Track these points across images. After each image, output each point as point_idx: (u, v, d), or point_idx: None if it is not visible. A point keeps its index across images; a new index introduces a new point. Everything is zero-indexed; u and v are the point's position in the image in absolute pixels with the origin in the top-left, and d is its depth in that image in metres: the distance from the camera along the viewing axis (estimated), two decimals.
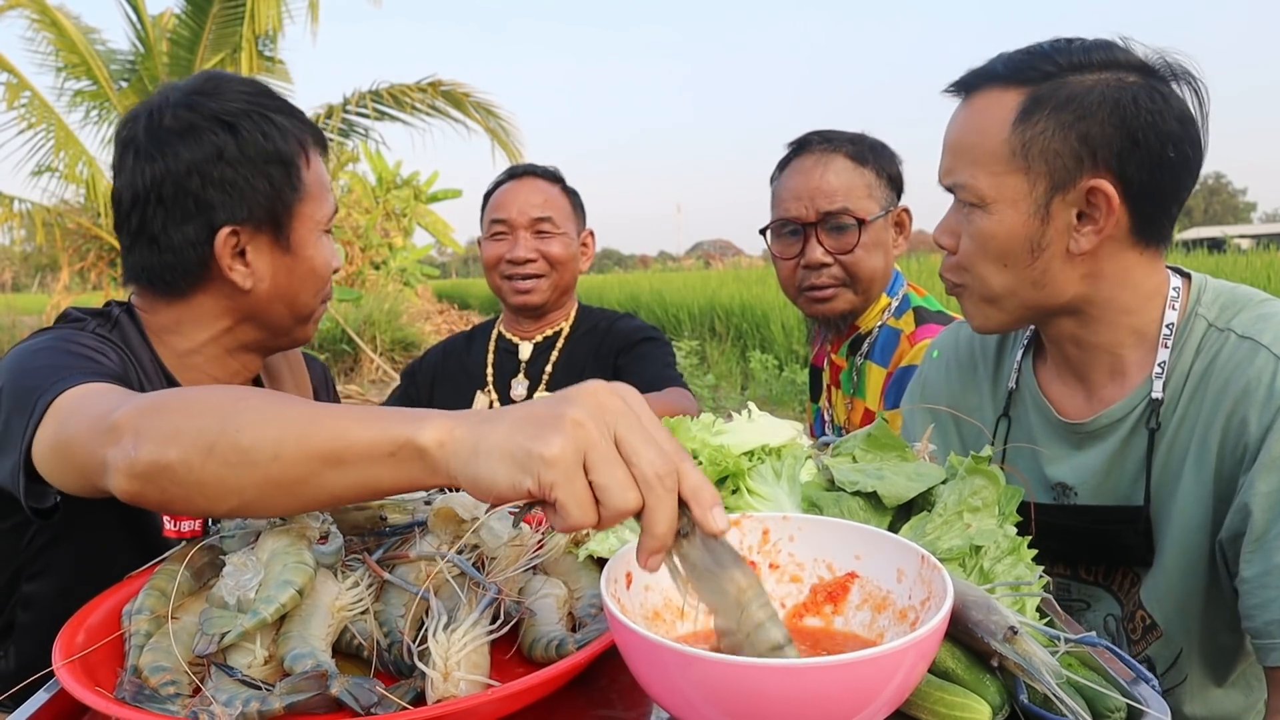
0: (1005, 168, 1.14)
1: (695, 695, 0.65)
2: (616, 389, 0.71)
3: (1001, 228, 1.15)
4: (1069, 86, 1.11)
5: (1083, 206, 1.13)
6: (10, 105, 10.85)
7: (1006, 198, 1.14)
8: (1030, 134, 1.12)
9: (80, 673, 0.82)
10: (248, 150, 1.30)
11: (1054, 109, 1.11)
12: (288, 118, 1.36)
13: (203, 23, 10.57)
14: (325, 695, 0.78)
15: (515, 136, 11.52)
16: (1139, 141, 1.09)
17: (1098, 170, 1.11)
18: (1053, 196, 1.13)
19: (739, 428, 1.18)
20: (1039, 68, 1.14)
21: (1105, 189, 1.11)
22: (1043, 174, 1.12)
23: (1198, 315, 1.18)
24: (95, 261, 12.90)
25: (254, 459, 0.80)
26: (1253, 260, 9.62)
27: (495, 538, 0.97)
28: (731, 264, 28.82)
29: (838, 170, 1.90)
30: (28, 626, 1.30)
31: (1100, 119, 1.10)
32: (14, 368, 1.16)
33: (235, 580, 0.88)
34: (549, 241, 2.21)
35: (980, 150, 1.15)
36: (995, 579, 0.91)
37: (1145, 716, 0.75)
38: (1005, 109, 1.14)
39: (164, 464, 0.83)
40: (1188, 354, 1.17)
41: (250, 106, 1.33)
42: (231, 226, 1.30)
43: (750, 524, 0.87)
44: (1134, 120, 1.09)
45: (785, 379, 8.84)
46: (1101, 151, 1.10)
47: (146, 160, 1.29)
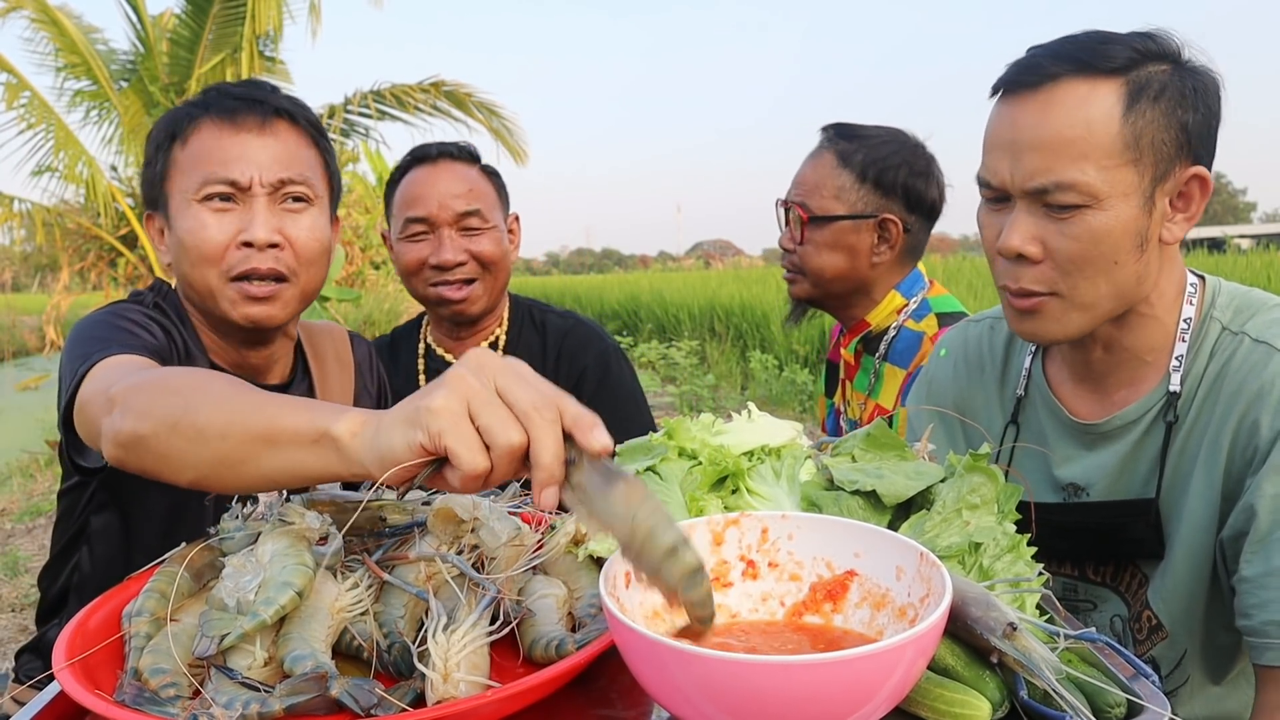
0: (1118, 160, 1.08)
1: (695, 693, 0.65)
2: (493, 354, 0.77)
3: (1117, 223, 1.10)
4: (1152, 77, 1.10)
5: (1174, 196, 1.13)
6: (10, 105, 10.85)
7: (1119, 192, 1.09)
8: (1141, 124, 1.08)
9: (81, 675, 0.82)
10: (150, 141, 1.45)
11: (1152, 98, 1.09)
12: (184, 106, 1.44)
13: (203, 23, 10.56)
14: (325, 697, 0.78)
15: (518, 136, 11.52)
16: (1213, 129, 1.13)
17: (1192, 159, 1.12)
18: (1156, 187, 1.11)
19: (739, 428, 1.18)
20: (1117, 56, 1.10)
21: (1205, 176, 1.12)
22: (1149, 165, 1.10)
23: (1213, 318, 1.19)
24: (95, 261, 12.89)
25: (207, 437, 0.90)
26: (1253, 260, 9.62)
27: (495, 538, 0.97)
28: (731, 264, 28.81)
29: (817, 165, 1.93)
30: (82, 593, 1.41)
31: (1193, 106, 1.10)
32: (72, 336, 1.31)
33: (235, 582, 0.88)
34: (478, 239, 1.90)
35: (1089, 144, 1.08)
36: (994, 576, 0.91)
37: (1145, 712, 0.75)
38: (1106, 100, 1.08)
39: (139, 435, 0.94)
40: (1203, 356, 1.18)
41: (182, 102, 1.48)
42: (148, 213, 1.47)
43: (749, 523, 0.87)
44: (1213, 107, 1.12)
45: (785, 379, 8.84)
46: (1195, 140, 1.11)
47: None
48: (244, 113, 1.41)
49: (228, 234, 1.38)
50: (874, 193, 1.90)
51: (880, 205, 1.91)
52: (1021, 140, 1.11)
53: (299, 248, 1.42)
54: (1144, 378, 1.22)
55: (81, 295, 16.10)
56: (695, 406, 8.29)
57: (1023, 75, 1.13)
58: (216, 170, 1.38)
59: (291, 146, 1.44)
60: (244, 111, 1.41)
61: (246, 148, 1.39)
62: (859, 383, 2.02)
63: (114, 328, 1.32)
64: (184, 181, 1.39)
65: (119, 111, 11.33)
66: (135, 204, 12.30)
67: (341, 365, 1.69)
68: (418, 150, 1.98)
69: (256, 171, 1.39)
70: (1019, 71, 1.14)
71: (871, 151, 1.91)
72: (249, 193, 1.39)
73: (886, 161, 1.90)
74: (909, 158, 1.92)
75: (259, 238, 1.37)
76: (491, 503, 1.02)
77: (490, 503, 1.01)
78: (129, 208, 11.95)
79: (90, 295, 16.52)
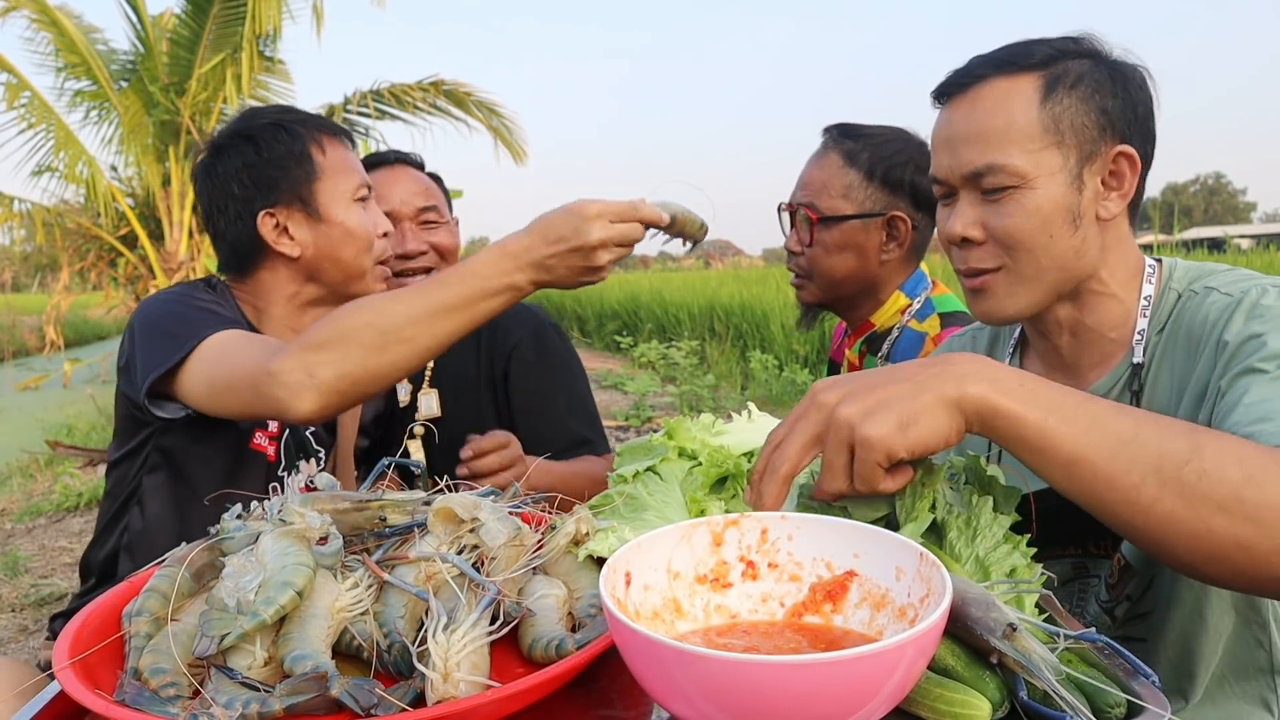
0: (1040, 144, 1.19)
1: (695, 693, 0.65)
2: None
3: (1047, 200, 1.20)
4: (1071, 68, 1.20)
5: (1105, 175, 1.21)
6: (10, 105, 10.85)
7: (1045, 171, 1.20)
8: (1058, 110, 1.19)
9: (81, 675, 0.82)
10: (264, 153, 1.68)
11: (1070, 86, 1.19)
12: (297, 122, 1.72)
13: (203, 23, 10.56)
14: (325, 696, 0.78)
15: (518, 135, 11.51)
16: (1138, 115, 1.21)
17: (1117, 138, 1.20)
18: (1083, 167, 1.20)
19: (738, 428, 1.18)
20: (1036, 53, 1.21)
21: (1130, 153, 1.20)
22: (1073, 146, 1.19)
23: (1170, 288, 1.25)
24: (95, 261, 12.90)
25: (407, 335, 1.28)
26: (1253, 260, 9.61)
27: (495, 538, 0.97)
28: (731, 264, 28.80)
29: (823, 165, 1.92)
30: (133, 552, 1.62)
31: (1111, 92, 1.20)
32: (146, 313, 1.56)
33: (235, 582, 0.88)
34: (436, 231, 2.08)
35: (1012, 131, 1.20)
36: (990, 568, 0.92)
37: (1145, 712, 0.75)
38: (1025, 91, 1.20)
39: (347, 374, 1.28)
40: (1159, 322, 1.25)
41: (262, 121, 1.71)
42: (266, 210, 1.67)
43: (749, 524, 0.87)
44: (1135, 94, 1.21)
45: (785, 379, 8.84)
46: (1117, 122, 1.20)
47: (202, 182, 1.72)
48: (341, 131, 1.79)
49: (374, 227, 1.74)
50: (881, 190, 1.90)
51: (888, 203, 1.91)
52: (956, 135, 1.24)
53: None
54: (1111, 355, 1.27)
55: (81, 295, 16.10)
56: (695, 406, 8.30)
57: (955, 79, 1.26)
58: (363, 176, 1.74)
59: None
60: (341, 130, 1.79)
61: (356, 158, 1.77)
62: None
63: (194, 308, 1.56)
64: (340, 183, 1.70)
65: (119, 111, 11.33)
66: (135, 204, 12.30)
67: None
68: (374, 156, 2.15)
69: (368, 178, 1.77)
70: (952, 77, 1.26)
71: (878, 149, 1.90)
72: (372, 193, 1.77)
73: (894, 159, 1.90)
74: (915, 155, 1.92)
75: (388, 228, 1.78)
76: (492, 503, 1.02)
77: (490, 503, 1.01)
78: (129, 208, 11.95)
79: (90, 295, 16.51)
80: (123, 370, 1.59)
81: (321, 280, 1.72)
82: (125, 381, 1.58)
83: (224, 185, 1.68)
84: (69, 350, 16.32)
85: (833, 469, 0.90)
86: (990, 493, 0.99)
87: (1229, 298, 1.17)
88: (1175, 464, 0.85)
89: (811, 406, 0.91)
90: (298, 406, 1.28)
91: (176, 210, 11.89)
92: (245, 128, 1.70)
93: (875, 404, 0.88)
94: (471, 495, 1.03)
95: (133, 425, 1.64)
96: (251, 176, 1.67)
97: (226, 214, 1.69)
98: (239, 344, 1.42)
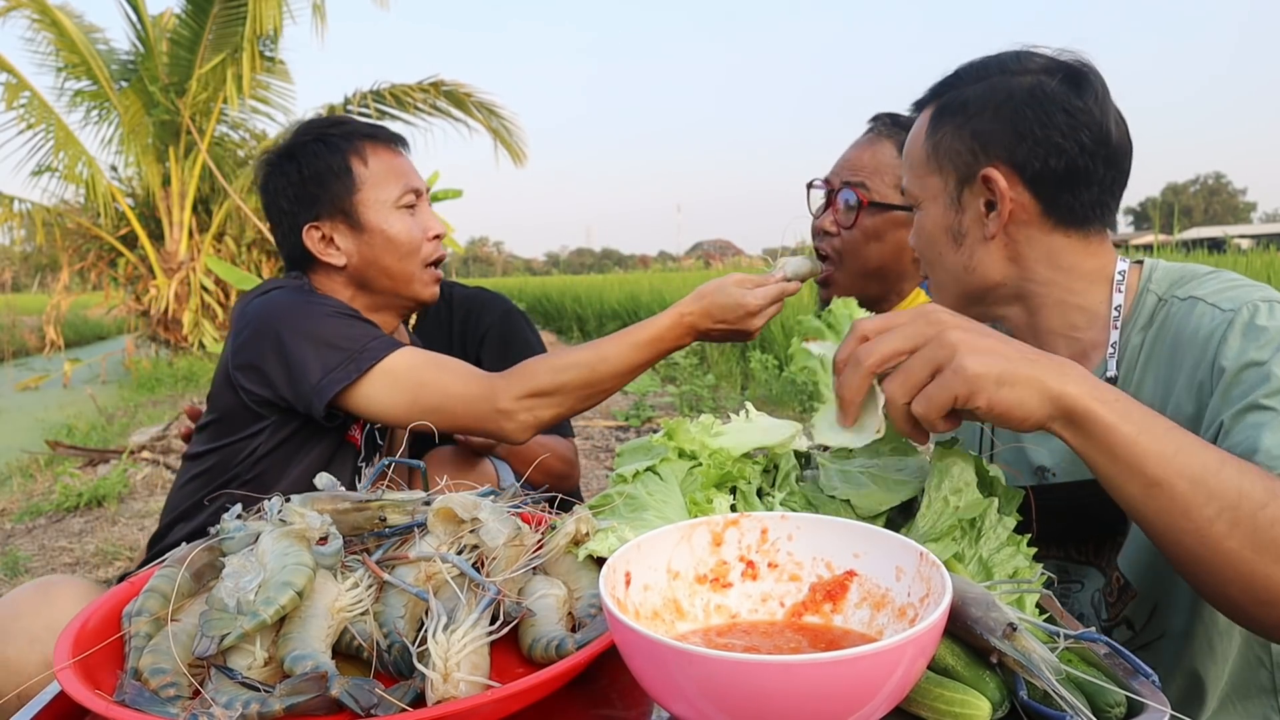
0: (924, 170, 1.30)
1: (695, 693, 0.65)
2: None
3: (929, 220, 1.30)
4: (964, 93, 1.26)
5: (988, 195, 1.24)
6: (10, 105, 10.85)
7: (929, 195, 1.30)
8: (937, 138, 1.28)
9: (81, 675, 0.82)
10: (305, 170, 1.78)
11: (950, 115, 1.27)
12: (340, 136, 1.80)
13: (203, 23, 10.57)
14: (325, 696, 0.78)
15: (518, 136, 11.52)
16: (1024, 133, 1.21)
17: (990, 161, 1.23)
18: (962, 189, 1.26)
19: (737, 428, 1.18)
20: (946, 84, 1.30)
21: (993, 175, 1.23)
22: (950, 171, 1.27)
23: (1149, 292, 1.24)
24: (95, 261, 12.90)
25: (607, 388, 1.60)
26: (1253, 260, 9.60)
27: (495, 538, 0.97)
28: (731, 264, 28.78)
29: (877, 152, 1.89)
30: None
31: (987, 116, 1.23)
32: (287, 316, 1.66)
33: (235, 582, 0.88)
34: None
35: (910, 159, 1.33)
36: (994, 569, 0.92)
37: (1145, 711, 0.75)
38: (923, 123, 1.31)
39: (561, 413, 1.60)
40: (1138, 330, 1.23)
41: (306, 137, 1.81)
42: (310, 224, 1.78)
43: (749, 523, 0.87)
44: (1015, 113, 1.21)
45: (785, 379, 8.83)
46: (992, 145, 1.23)
47: (260, 197, 1.87)
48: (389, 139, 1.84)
49: (420, 229, 1.80)
50: None
51: None
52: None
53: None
54: (1086, 353, 1.27)
55: (81, 295, 16.09)
56: (695, 406, 8.29)
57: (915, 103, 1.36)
58: (409, 182, 1.80)
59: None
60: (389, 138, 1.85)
61: (409, 164, 1.85)
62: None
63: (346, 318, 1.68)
64: (382, 193, 1.78)
65: (119, 111, 11.33)
66: (135, 204, 12.31)
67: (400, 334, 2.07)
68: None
69: (420, 180, 1.85)
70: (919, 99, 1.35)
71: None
72: (421, 197, 1.83)
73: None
74: None
75: (437, 228, 1.84)
76: (491, 503, 1.02)
77: (490, 503, 1.01)
78: (129, 208, 11.96)
79: (90, 295, 16.51)
80: (248, 368, 1.67)
81: (373, 288, 1.82)
82: (253, 379, 1.67)
83: (274, 200, 1.82)
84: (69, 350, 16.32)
85: (908, 377, 0.90)
86: (993, 494, 0.99)
87: (1219, 312, 1.14)
88: (1252, 506, 0.86)
89: (922, 318, 0.92)
90: (519, 437, 1.59)
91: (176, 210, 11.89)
92: (290, 144, 1.82)
93: (986, 348, 0.88)
94: (471, 495, 1.03)
95: (246, 416, 1.72)
96: (295, 193, 1.79)
97: (281, 227, 1.82)
98: (433, 366, 1.62)
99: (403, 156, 1.85)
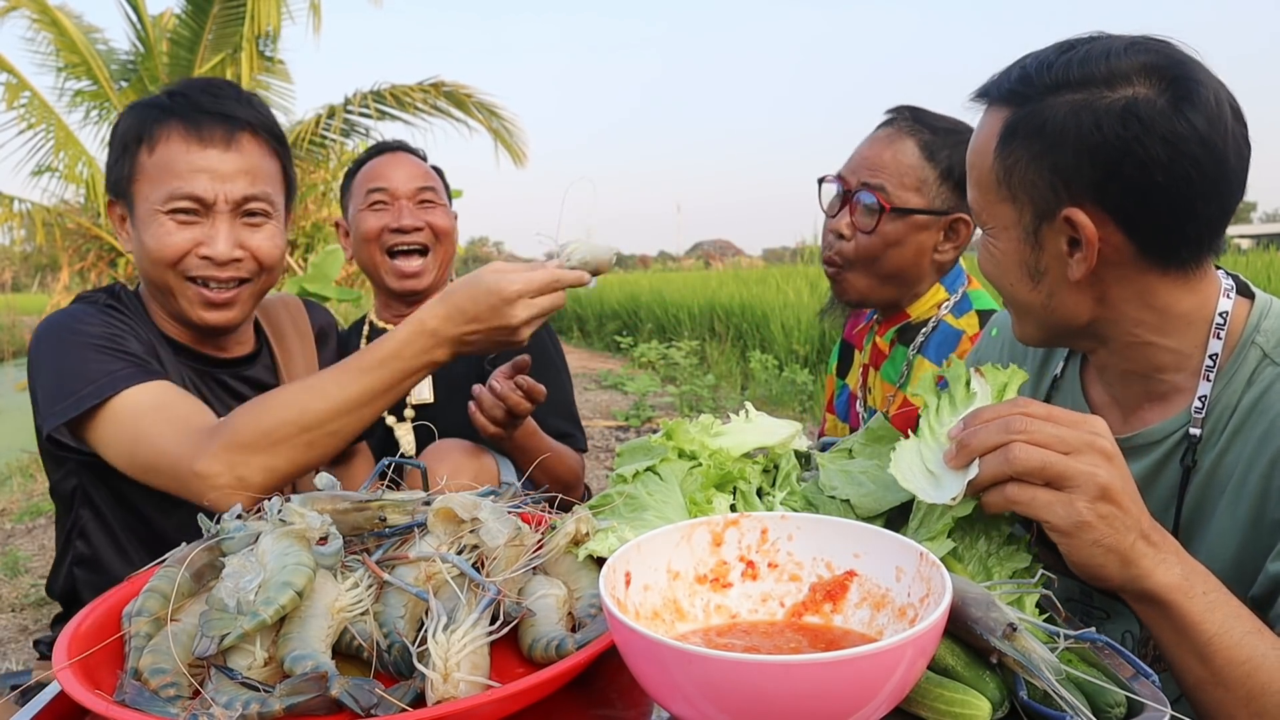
0: (995, 196, 1.11)
1: (695, 693, 0.65)
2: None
3: (998, 250, 1.14)
4: (1043, 111, 1.05)
5: (1071, 234, 1.07)
6: (10, 105, 10.85)
7: (1000, 224, 1.12)
8: (1009, 162, 1.08)
9: (81, 675, 0.82)
10: (115, 132, 1.50)
11: (1025, 136, 1.06)
12: (154, 103, 1.48)
13: (203, 23, 10.56)
14: (325, 696, 0.78)
15: (518, 136, 11.51)
16: (1115, 172, 1.02)
17: (1074, 199, 1.05)
18: (1040, 225, 1.08)
19: (737, 429, 1.18)
20: (1019, 90, 1.08)
21: (1078, 219, 1.04)
22: (1026, 203, 1.08)
23: (1253, 345, 1.09)
24: (95, 261, 12.89)
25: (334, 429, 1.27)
26: (1253, 260, 9.59)
27: (495, 538, 0.97)
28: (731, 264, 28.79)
29: (898, 151, 1.81)
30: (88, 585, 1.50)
31: (1069, 149, 1.03)
32: (45, 341, 1.42)
33: (235, 582, 0.88)
34: (433, 211, 2.11)
35: (977, 173, 1.13)
36: (994, 569, 0.92)
37: (1145, 711, 0.75)
38: (993, 131, 1.10)
39: (277, 472, 1.25)
40: (1236, 385, 1.08)
41: (147, 97, 1.52)
42: (110, 197, 1.52)
43: (749, 523, 0.87)
44: (1103, 150, 1.01)
45: (785, 379, 8.83)
46: (1075, 184, 1.04)
47: None
48: (211, 126, 1.45)
49: (189, 243, 1.45)
50: (952, 192, 1.82)
51: (955, 204, 1.82)
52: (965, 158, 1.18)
53: (261, 256, 1.51)
54: (1167, 397, 1.14)
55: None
56: (695, 407, 8.29)
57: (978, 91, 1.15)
58: (182, 185, 1.43)
59: (255, 161, 1.49)
60: (211, 124, 1.45)
61: (211, 163, 1.45)
62: (886, 372, 1.94)
63: (97, 346, 1.39)
64: (150, 191, 1.45)
65: (119, 111, 11.32)
66: None
67: (301, 336, 1.77)
68: (380, 144, 2.22)
69: (221, 189, 1.45)
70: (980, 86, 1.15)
71: (955, 149, 1.81)
72: (213, 209, 1.45)
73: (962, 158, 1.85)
74: None
75: (221, 254, 1.46)
76: (492, 503, 1.02)
77: (490, 503, 1.01)
78: None
79: None
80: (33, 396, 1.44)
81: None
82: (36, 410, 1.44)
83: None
84: None
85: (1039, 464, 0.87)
86: None
87: None
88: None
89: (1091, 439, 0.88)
90: (222, 506, 1.13)
91: None
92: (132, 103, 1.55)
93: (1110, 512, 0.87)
94: (471, 495, 1.03)
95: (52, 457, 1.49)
96: (110, 165, 1.53)
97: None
98: (157, 418, 1.32)
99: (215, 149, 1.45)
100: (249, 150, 1.48)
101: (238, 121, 1.47)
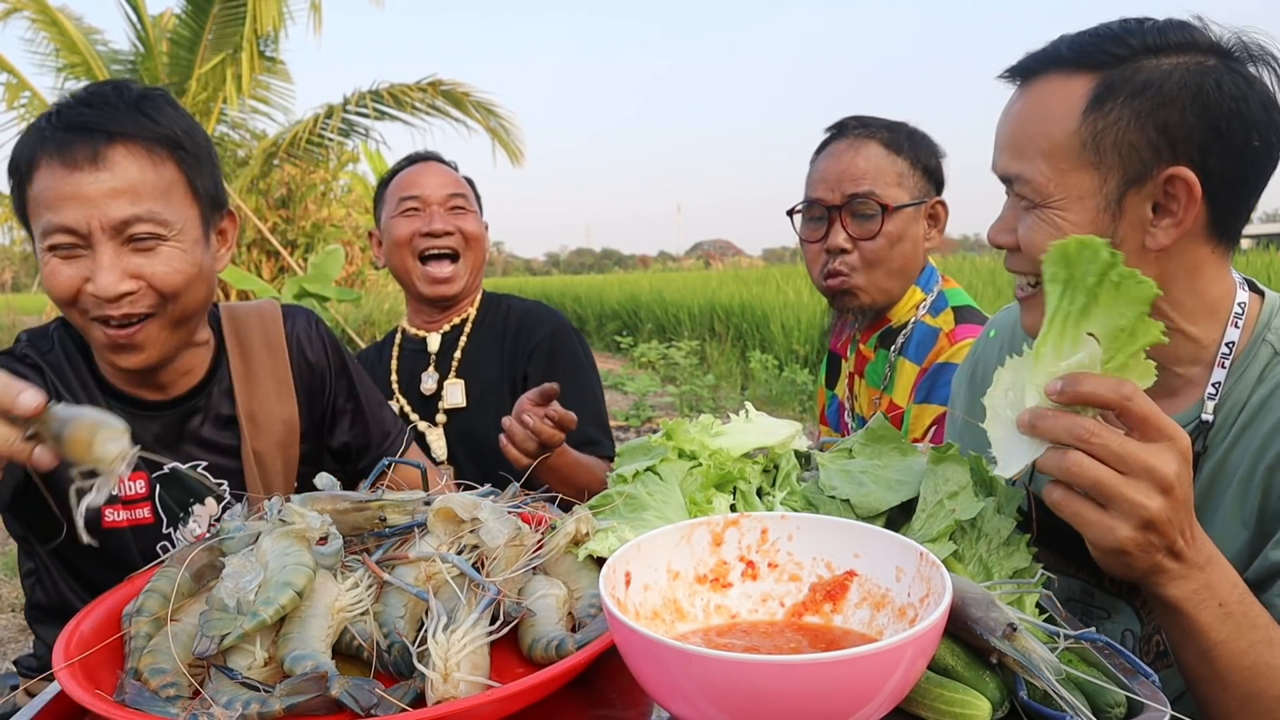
0: (1073, 163, 1.05)
1: (695, 693, 0.65)
2: None
3: (1069, 225, 1.06)
4: (1144, 71, 1.03)
5: (1159, 198, 1.04)
6: (10, 105, 10.84)
7: (1073, 194, 1.06)
8: (1103, 124, 1.04)
9: (80, 675, 0.82)
10: (12, 166, 1.32)
11: (1129, 96, 1.03)
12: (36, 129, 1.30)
13: (203, 23, 10.56)
14: (325, 696, 0.78)
15: (515, 135, 11.51)
16: (1222, 130, 1.01)
17: (1177, 160, 1.03)
18: (1126, 191, 1.04)
19: (736, 429, 1.18)
20: (1110, 51, 1.05)
21: (1187, 177, 1.02)
22: (1115, 167, 1.04)
23: (1265, 341, 1.09)
24: None
25: None
26: (1253, 260, 9.60)
27: (495, 538, 0.97)
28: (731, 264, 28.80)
29: (868, 155, 1.86)
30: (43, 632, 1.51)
31: (1181, 106, 1.01)
32: None
33: (235, 582, 0.88)
34: (464, 217, 2.14)
35: (1045, 142, 1.06)
36: (994, 569, 0.92)
37: (1145, 711, 0.75)
38: (1074, 97, 1.05)
39: None
40: (1248, 380, 1.08)
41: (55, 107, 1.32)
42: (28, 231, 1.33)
43: (749, 524, 0.87)
44: (1217, 107, 1.01)
45: (785, 379, 8.84)
46: (1182, 142, 1.02)
47: None
48: (75, 145, 1.26)
49: (78, 280, 1.27)
50: (924, 179, 1.88)
51: (928, 190, 1.89)
52: (1002, 131, 1.13)
53: (159, 284, 1.30)
54: (1177, 391, 1.13)
55: None
56: (695, 407, 8.30)
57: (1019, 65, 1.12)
58: (53, 218, 1.25)
59: (133, 176, 1.28)
60: (75, 144, 1.26)
61: (79, 187, 1.25)
62: (871, 377, 1.98)
63: None
64: (35, 227, 1.29)
65: None
66: None
67: (271, 348, 1.60)
68: (412, 155, 2.27)
69: (94, 215, 1.25)
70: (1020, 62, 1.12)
71: (910, 136, 1.88)
72: (90, 239, 1.26)
73: (922, 144, 1.89)
74: (932, 144, 1.91)
75: (105, 288, 1.25)
76: (492, 503, 1.02)
77: (490, 503, 1.01)
78: None
79: None
80: None
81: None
82: None
83: None
84: None
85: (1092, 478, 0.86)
86: (993, 494, 0.99)
87: None
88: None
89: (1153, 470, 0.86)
90: None
91: None
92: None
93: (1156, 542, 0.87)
94: (471, 495, 1.03)
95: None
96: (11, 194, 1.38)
97: None
98: None
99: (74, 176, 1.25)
100: (122, 165, 1.27)
101: (104, 135, 1.27)
